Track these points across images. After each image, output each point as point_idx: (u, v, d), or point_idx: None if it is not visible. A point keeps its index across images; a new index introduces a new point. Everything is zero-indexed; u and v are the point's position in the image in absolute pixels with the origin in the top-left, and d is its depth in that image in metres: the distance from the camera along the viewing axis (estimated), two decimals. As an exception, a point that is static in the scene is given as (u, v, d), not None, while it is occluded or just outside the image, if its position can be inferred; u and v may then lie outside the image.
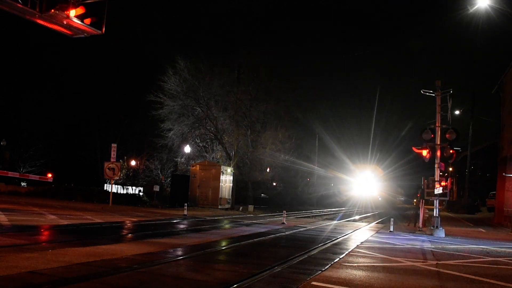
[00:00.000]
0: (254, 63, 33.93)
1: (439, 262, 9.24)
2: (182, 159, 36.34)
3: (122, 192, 36.01)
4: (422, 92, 17.75)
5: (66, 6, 8.59)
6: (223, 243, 11.08)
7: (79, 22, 8.81)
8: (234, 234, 13.18)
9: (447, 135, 17.07)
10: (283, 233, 14.46)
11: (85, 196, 26.69)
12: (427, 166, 19.22)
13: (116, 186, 33.81)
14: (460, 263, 9.24)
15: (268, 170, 38.79)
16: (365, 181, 58.32)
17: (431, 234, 16.18)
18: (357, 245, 11.61)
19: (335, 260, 8.70)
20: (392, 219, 18.24)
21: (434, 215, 17.21)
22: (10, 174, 34.62)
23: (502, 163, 26.72)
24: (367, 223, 23.54)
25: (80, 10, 8.73)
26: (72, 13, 8.64)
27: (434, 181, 17.30)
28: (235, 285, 6.09)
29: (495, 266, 9.23)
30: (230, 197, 31.05)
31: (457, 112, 34.71)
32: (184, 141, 34.36)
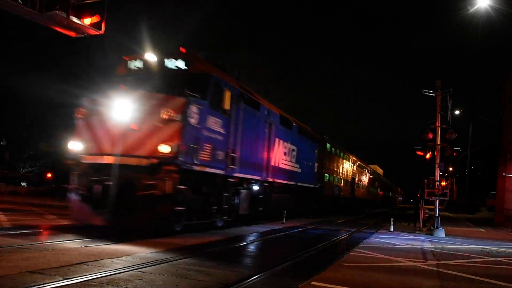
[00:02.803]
0: (254, 63, 33.32)
1: (439, 262, 9.24)
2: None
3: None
4: (422, 92, 17.75)
5: (66, 7, 8.60)
6: (223, 243, 11.06)
7: (79, 22, 8.83)
8: (234, 234, 13.16)
9: (447, 135, 17.07)
10: (282, 233, 14.47)
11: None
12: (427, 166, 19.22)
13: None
14: (460, 263, 9.23)
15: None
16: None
17: (431, 234, 16.17)
18: (357, 245, 11.60)
19: (335, 260, 8.69)
20: (392, 219, 18.23)
21: (434, 215, 17.21)
22: (10, 174, 34.65)
23: (502, 163, 26.71)
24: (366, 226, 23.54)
25: (80, 10, 8.75)
26: (72, 13, 8.66)
27: (434, 181, 17.30)
28: (235, 285, 6.09)
29: (496, 266, 9.22)
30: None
31: (457, 112, 34.73)
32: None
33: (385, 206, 64.62)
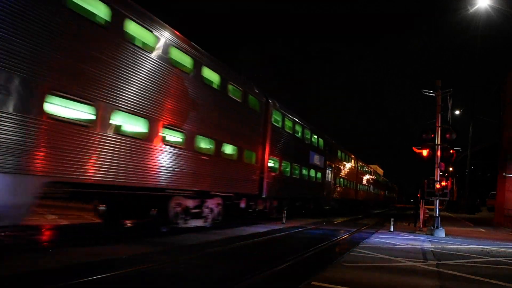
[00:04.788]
0: (255, 61, 32.77)
1: (439, 262, 9.24)
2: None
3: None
4: (422, 92, 17.75)
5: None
6: (224, 243, 11.06)
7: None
8: (234, 234, 13.18)
9: (447, 135, 17.07)
10: (283, 233, 14.47)
11: (85, 196, 26.53)
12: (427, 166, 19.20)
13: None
14: (461, 263, 9.24)
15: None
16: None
17: (431, 234, 16.18)
18: (357, 245, 11.61)
19: (335, 260, 8.70)
20: (392, 219, 18.24)
21: (435, 215, 17.21)
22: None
23: (502, 163, 26.72)
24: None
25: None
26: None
27: (434, 181, 17.30)
28: (235, 285, 6.09)
29: (496, 266, 9.23)
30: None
31: (457, 112, 34.75)
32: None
33: (385, 206, 64.94)
